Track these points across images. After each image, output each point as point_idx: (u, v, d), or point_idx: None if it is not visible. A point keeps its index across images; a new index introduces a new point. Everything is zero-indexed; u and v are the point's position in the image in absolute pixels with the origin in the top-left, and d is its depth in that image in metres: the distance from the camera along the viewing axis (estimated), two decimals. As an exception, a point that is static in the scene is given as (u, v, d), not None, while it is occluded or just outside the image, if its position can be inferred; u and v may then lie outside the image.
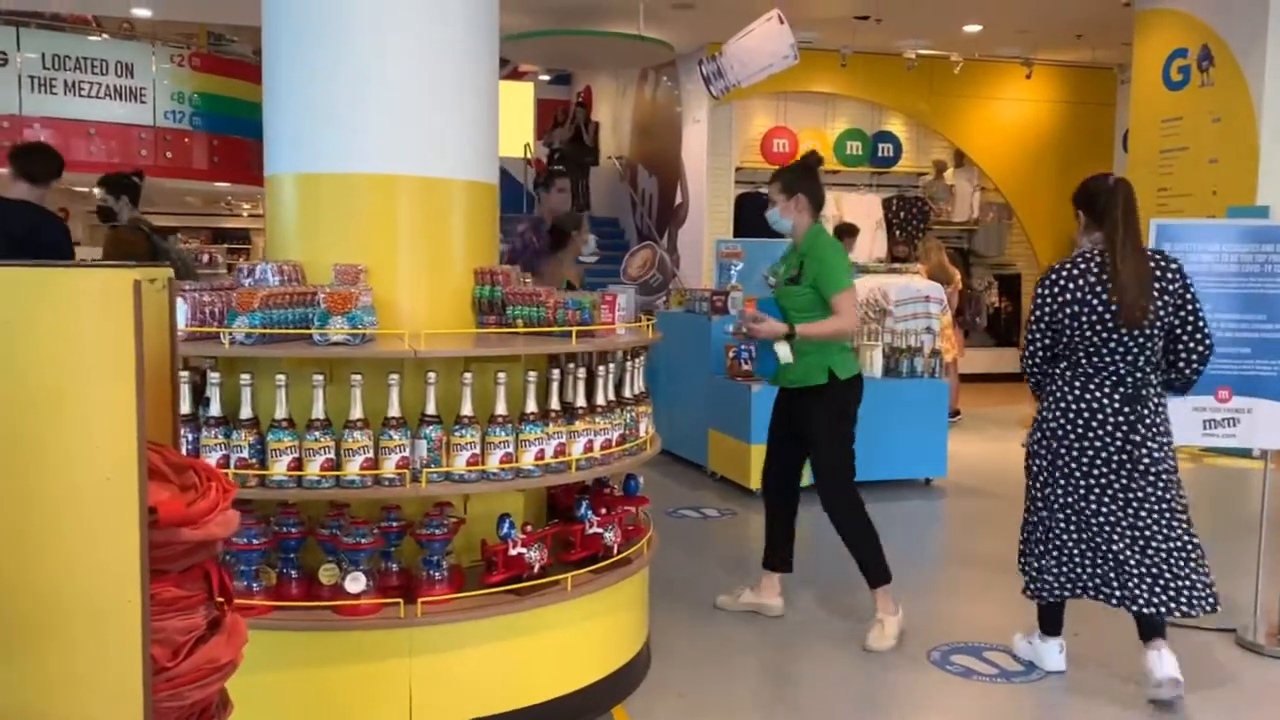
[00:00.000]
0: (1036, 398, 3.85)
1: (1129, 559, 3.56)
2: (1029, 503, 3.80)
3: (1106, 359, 3.56)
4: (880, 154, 13.01)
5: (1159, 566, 3.55)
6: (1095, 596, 3.66)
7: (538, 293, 3.49)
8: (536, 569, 3.21)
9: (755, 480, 6.25)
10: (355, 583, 2.98)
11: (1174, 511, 3.58)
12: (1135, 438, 3.54)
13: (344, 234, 3.43)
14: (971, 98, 13.01)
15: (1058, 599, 3.76)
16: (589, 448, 3.35)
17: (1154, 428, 3.57)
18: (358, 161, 3.42)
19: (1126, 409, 3.55)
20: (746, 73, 8.47)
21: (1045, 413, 3.70)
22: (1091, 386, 3.58)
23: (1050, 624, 3.89)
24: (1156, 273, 3.52)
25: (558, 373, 3.36)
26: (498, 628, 3.12)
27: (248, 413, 2.99)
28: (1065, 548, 3.67)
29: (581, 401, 3.39)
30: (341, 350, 3.01)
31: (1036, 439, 3.73)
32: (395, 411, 3.01)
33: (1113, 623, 4.39)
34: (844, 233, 10.18)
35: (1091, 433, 3.58)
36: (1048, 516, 3.70)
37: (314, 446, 2.94)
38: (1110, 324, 3.51)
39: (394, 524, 3.13)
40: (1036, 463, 3.74)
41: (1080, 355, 3.60)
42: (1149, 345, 3.53)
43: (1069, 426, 3.62)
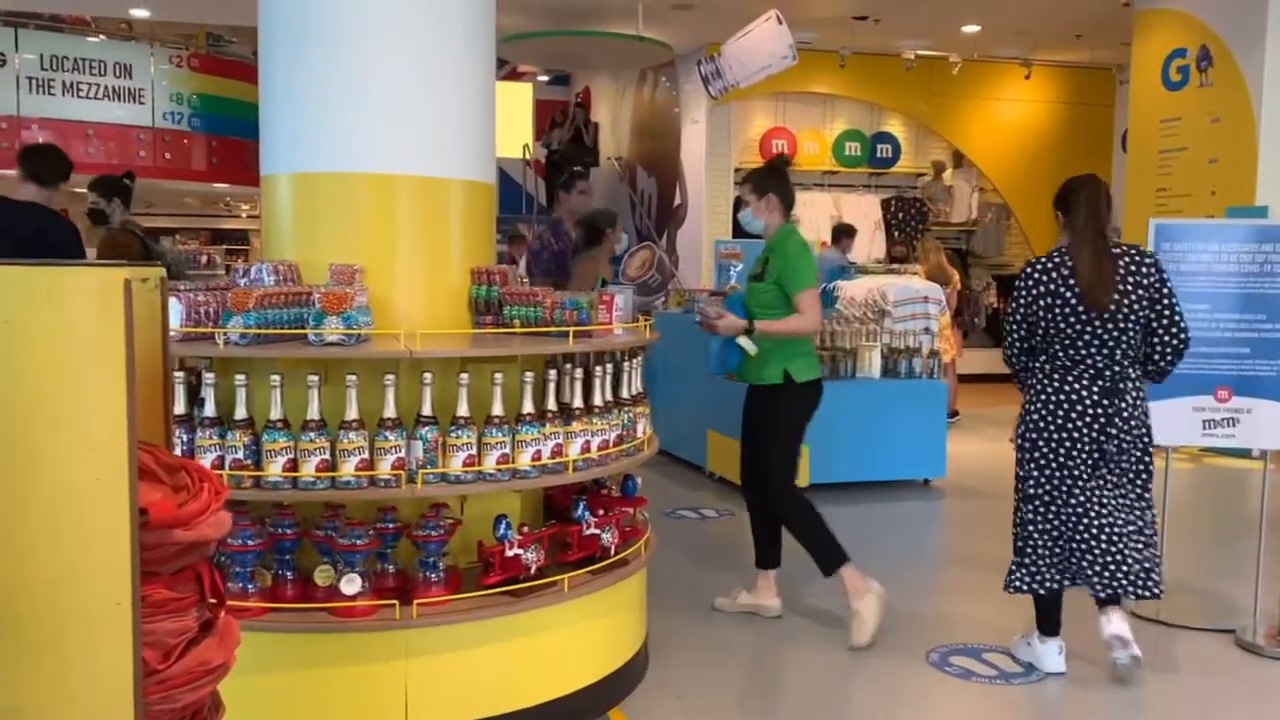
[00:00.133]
0: (1021, 392, 3.93)
1: (1093, 546, 3.67)
2: (1014, 498, 3.90)
3: (1083, 351, 3.63)
4: (879, 155, 12.99)
5: (1122, 553, 3.66)
6: (1060, 584, 3.76)
7: (534, 293, 3.47)
8: (533, 570, 3.19)
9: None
10: (351, 584, 2.96)
11: (1142, 500, 3.74)
12: (1112, 430, 3.63)
13: (340, 234, 3.41)
14: (970, 98, 13.00)
15: (1030, 591, 3.81)
16: (586, 448, 3.33)
17: (1131, 420, 3.66)
18: (355, 161, 3.41)
19: (1105, 401, 3.63)
20: (745, 73, 8.45)
21: (1027, 405, 3.79)
22: (1070, 379, 3.66)
23: (1048, 624, 3.89)
24: (1131, 266, 3.61)
25: (555, 373, 3.35)
26: (494, 629, 3.11)
27: (242, 413, 2.97)
28: (1031, 538, 3.78)
29: (579, 402, 3.38)
30: (337, 350, 2.99)
31: (1020, 431, 3.81)
32: (391, 412, 2.99)
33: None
34: (842, 233, 10.20)
35: (1070, 423, 3.66)
36: (1023, 505, 3.81)
37: (309, 447, 2.93)
38: (1083, 315, 3.60)
39: (390, 525, 3.11)
40: (1018, 455, 3.83)
41: (1057, 348, 3.68)
42: (1124, 339, 3.61)
43: (1049, 418, 3.70)
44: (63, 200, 5.06)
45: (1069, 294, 3.62)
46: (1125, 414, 3.65)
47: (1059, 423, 3.68)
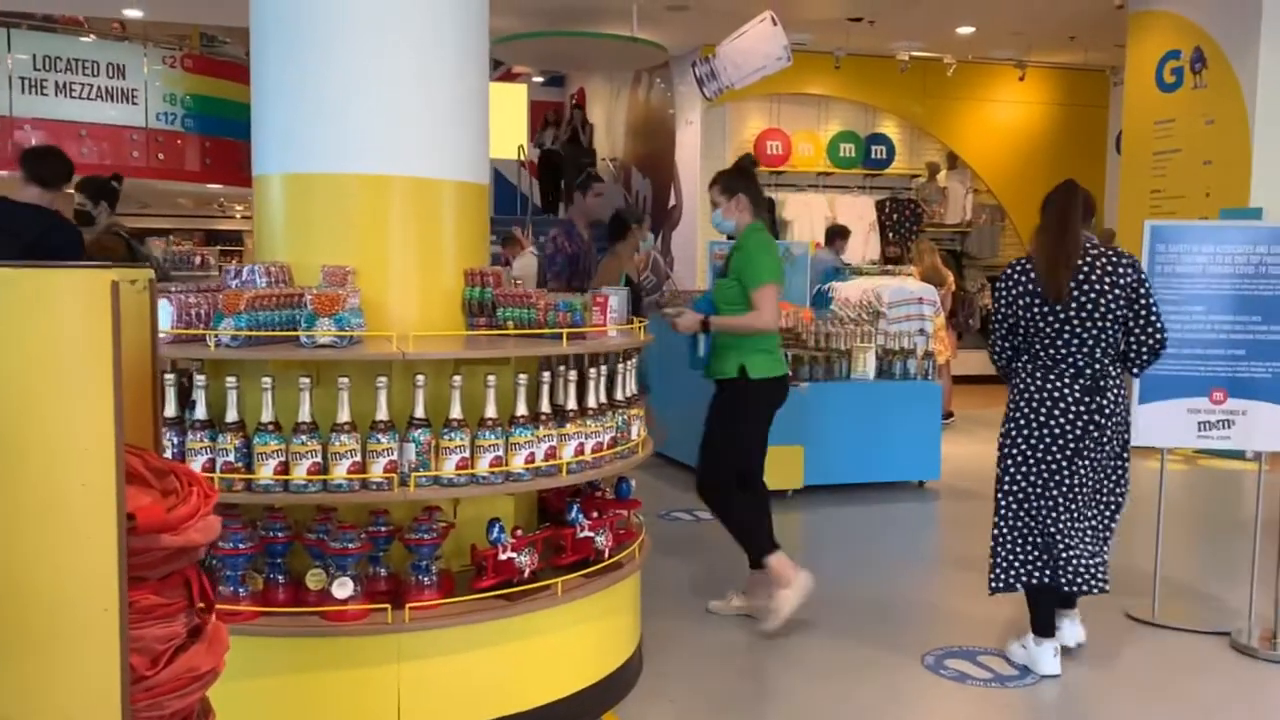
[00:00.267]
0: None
1: (1059, 541, 3.75)
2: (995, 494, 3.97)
3: (1063, 350, 3.71)
4: (873, 156, 12.99)
5: (1084, 548, 3.78)
6: (1041, 579, 3.80)
7: (528, 294, 3.46)
8: (527, 573, 3.17)
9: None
10: (342, 588, 2.94)
11: (1114, 495, 3.88)
12: (1093, 428, 3.72)
13: (333, 235, 3.39)
14: (964, 100, 13.01)
15: (1010, 588, 3.87)
16: (580, 451, 3.32)
17: (1113, 417, 3.75)
18: (348, 162, 3.39)
19: (1087, 399, 3.71)
20: (740, 74, 8.43)
21: (1011, 404, 3.87)
22: (1052, 377, 3.74)
23: (1043, 626, 3.89)
24: (1109, 266, 3.68)
25: (548, 375, 3.33)
26: (488, 633, 3.09)
27: (233, 416, 2.95)
28: (1008, 535, 3.85)
29: (572, 404, 3.36)
30: (328, 353, 2.97)
31: (1004, 430, 3.89)
32: (383, 414, 2.97)
33: (1106, 627, 4.38)
34: (836, 235, 10.19)
35: (1053, 420, 3.73)
36: (1001, 501, 3.87)
37: (301, 450, 2.91)
38: (1062, 314, 3.67)
39: (382, 528, 3.09)
40: (1000, 451, 3.90)
41: (1039, 348, 3.77)
42: (1104, 337, 3.68)
43: (1032, 416, 3.78)
44: (57, 201, 5.03)
45: (1041, 292, 3.72)
46: (1106, 411, 3.72)
47: (1041, 419, 3.75)
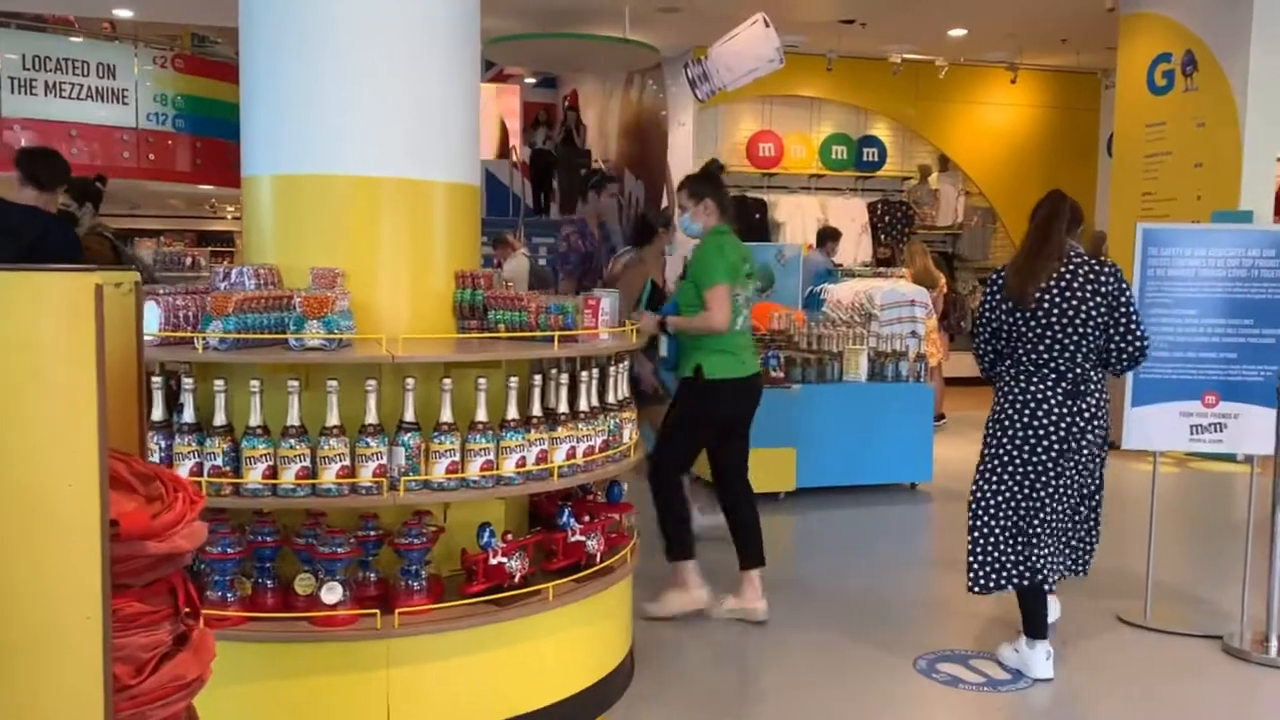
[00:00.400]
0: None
1: (1039, 543, 3.83)
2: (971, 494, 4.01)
3: (1044, 355, 3.79)
4: (865, 158, 13.00)
5: (1063, 538, 3.95)
6: (1023, 580, 3.84)
7: (519, 297, 3.44)
8: (517, 578, 3.15)
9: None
10: (331, 593, 2.92)
11: (1091, 490, 4.01)
12: (1075, 429, 3.79)
13: (322, 237, 3.37)
14: (956, 102, 13.02)
15: (993, 589, 3.89)
16: (572, 454, 3.30)
17: (1094, 420, 3.82)
18: (337, 163, 3.36)
19: (1070, 402, 3.78)
20: (732, 76, 8.43)
21: (995, 407, 3.94)
22: (1035, 381, 3.81)
23: (1035, 628, 3.88)
24: (1090, 275, 3.76)
25: (540, 378, 3.31)
26: (478, 639, 3.07)
27: (221, 419, 2.93)
28: (989, 536, 3.90)
29: (564, 407, 3.34)
30: (317, 355, 2.95)
31: (987, 431, 3.95)
32: (373, 418, 2.95)
33: (1099, 631, 4.37)
34: (827, 237, 10.18)
35: (1036, 422, 3.80)
36: (981, 501, 3.92)
37: (289, 454, 2.88)
38: (1044, 320, 3.75)
39: (371, 533, 3.07)
40: (983, 452, 3.95)
41: (1022, 353, 3.84)
42: (1084, 343, 3.76)
43: (1015, 419, 3.84)
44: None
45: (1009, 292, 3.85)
46: (1087, 414, 3.79)
47: (1024, 423, 3.82)
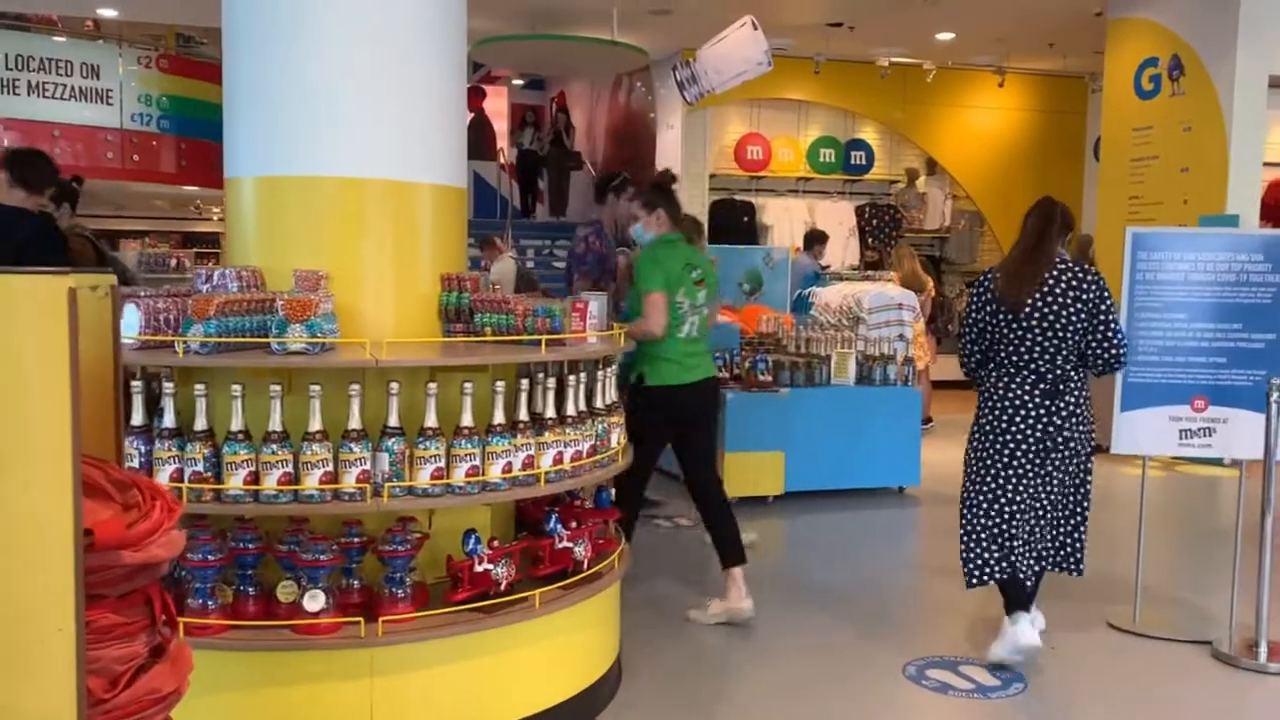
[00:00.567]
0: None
1: (1017, 540, 3.93)
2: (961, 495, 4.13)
3: (1025, 357, 3.89)
4: (853, 161, 13.00)
5: (1051, 536, 4.04)
6: (1009, 573, 3.93)
7: (506, 300, 3.40)
8: (503, 585, 3.11)
9: (728, 488, 6.17)
10: (314, 601, 2.88)
11: (1079, 492, 4.06)
12: (1052, 429, 3.89)
13: (306, 239, 3.33)
14: (944, 106, 13.03)
15: (983, 582, 3.97)
16: (559, 459, 3.26)
17: (1072, 418, 3.90)
18: (321, 164, 3.33)
19: (1048, 402, 3.88)
20: (721, 79, 8.40)
21: (978, 408, 4.06)
22: (1015, 384, 3.92)
23: (1014, 604, 3.95)
24: (1073, 281, 3.85)
25: (527, 382, 3.27)
26: (463, 647, 3.02)
27: (202, 424, 2.88)
28: (976, 533, 4.00)
29: (551, 412, 3.30)
30: (300, 360, 2.91)
31: (971, 432, 4.08)
32: (356, 423, 2.91)
33: (1088, 637, 4.36)
34: (814, 240, 10.17)
35: (1014, 426, 3.91)
36: (968, 500, 4.03)
37: (271, 459, 2.84)
38: (1025, 323, 3.86)
39: (355, 540, 3.03)
40: (967, 453, 4.08)
41: (1003, 355, 3.95)
42: (1064, 346, 3.86)
43: (995, 420, 3.96)
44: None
45: (1000, 296, 3.95)
46: (1064, 413, 3.88)
47: (1004, 425, 3.93)
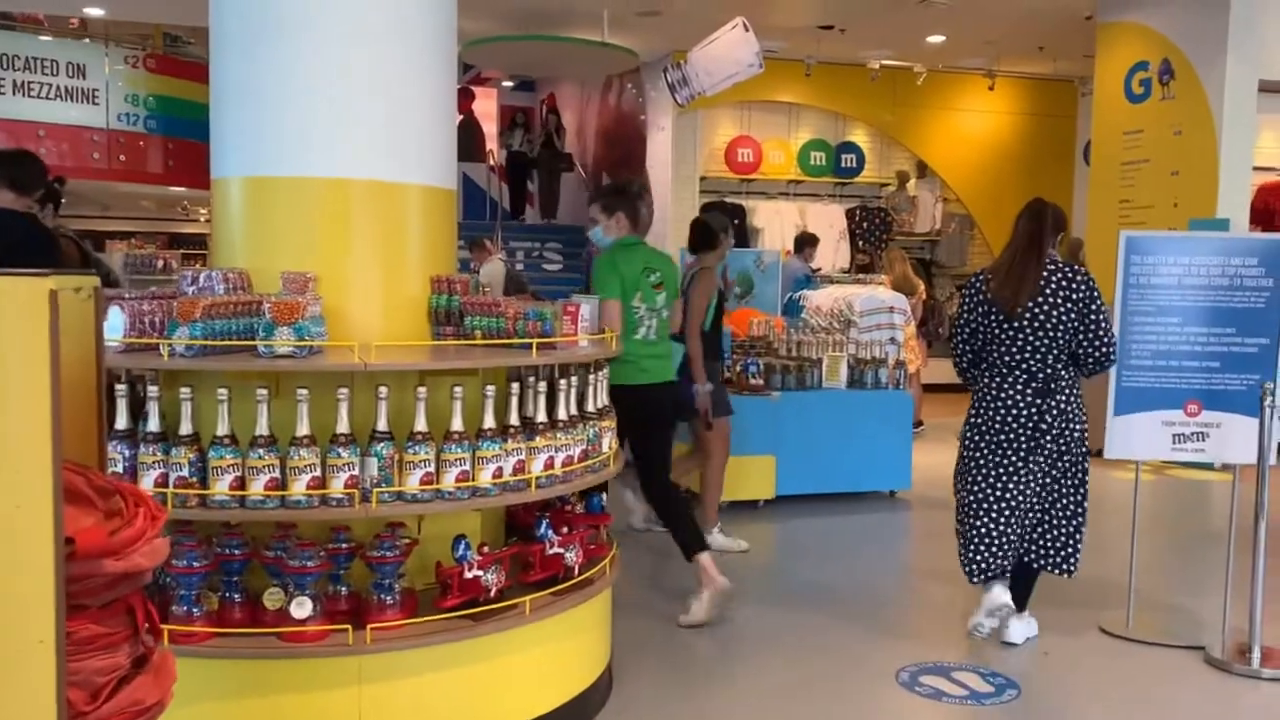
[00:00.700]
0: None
1: (1005, 532, 4.04)
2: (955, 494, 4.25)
3: (1017, 357, 3.98)
4: (843, 164, 13.00)
5: (1050, 533, 4.11)
6: (1003, 568, 4.08)
7: (496, 303, 3.37)
8: (494, 592, 3.07)
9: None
10: (301, 608, 2.84)
11: (1073, 488, 4.09)
12: (1044, 425, 3.97)
13: (294, 240, 3.28)
14: (934, 109, 13.05)
15: (990, 575, 4.10)
16: (550, 464, 3.23)
17: (1062, 417, 3.97)
18: (309, 165, 3.28)
19: (1039, 401, 3.96)
20: (712, 81, 8.39)
21: (970, 408, 4.14)
22: (1007, 384, 4.00)
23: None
24: (1063, 281, 3.93)
25: (517, 386, 3.23)
26: (452, 654, 2.98)
27: (188, 428, 2.84)
28: (973, 530, 4.10)
29: (542, 416, 3.27)
30: (287, 363, 2.87)
31: (963, 431, 4.16)
32: (344, 428, 2.87)
33: (1080, 642, 4.34)
34: (805, 243, 10.16)
35: (1005, 425, 4.00)
36: (964, 498, 4.14)
37: (258, 465, 2.80)
38: (1017, 324, 3.95)
39: (343, 546, 2.98)
40: (960, 451, 4.17)
41: (995, 356, 4.03)
42: (1055, 346, 3.94)
43: (987, 419, 4.05)
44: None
45: (995, 299, 4.02)
46: (1055, 411, 3.96)
47: (996, 425, 4.02)
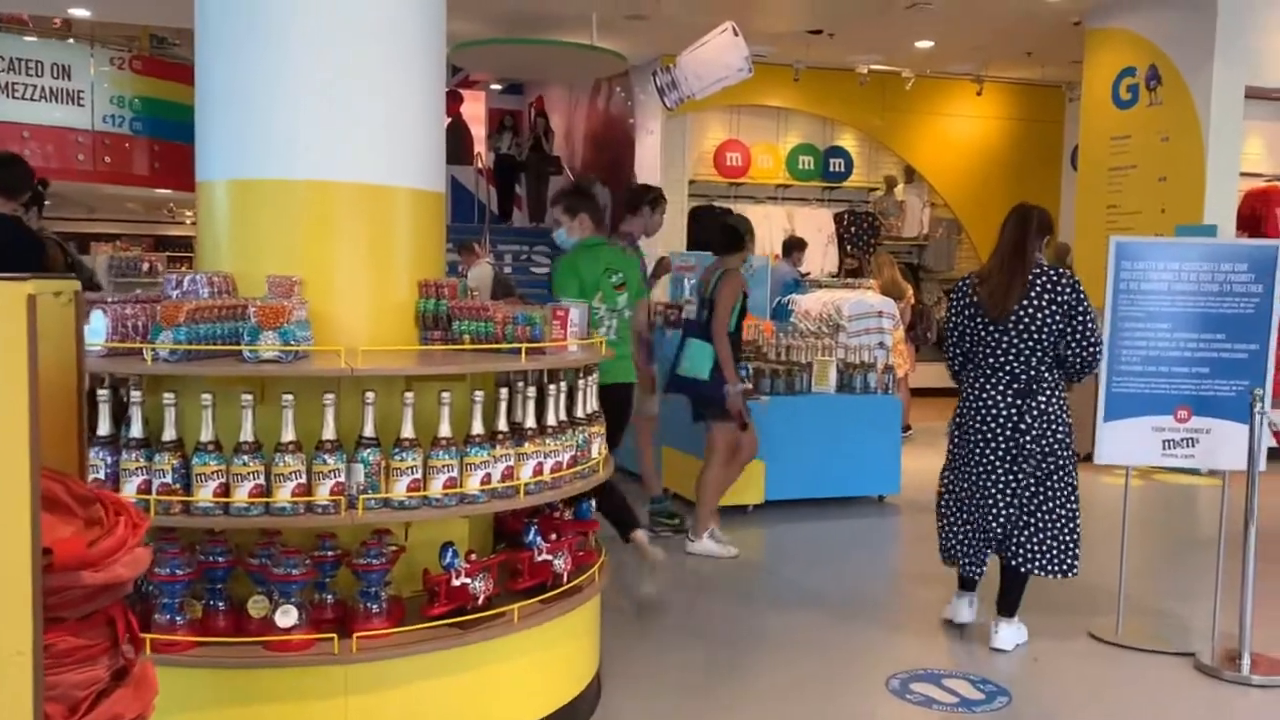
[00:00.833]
0: None
1: (1000, 528, 4.13)
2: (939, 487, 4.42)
3: (1001, 359, 4.06)
4: (832, 169, 13.01)
5: (1037, 536, 4.11)
6: (976, 564, 4.27)
7: (485, 307, 3.33)
8: (481, 600, 3.04)
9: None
10: (286, 616, 2.80)
11: (1060, 491, 4.10)
12: (1023, 426, 4.04)
13: (280, 243, 3.25)
14: (922, 114, 13.06)
15: (953, 565, 4.33)
16: (539, 471, 3.20)
17: (1043, 417, 4.03)
18: (296, 167, 3.25)
19: (1019, 402, 4.04)
20: (701, 85, 8.37)
21: (957, 408, 4.26)
22: (989, 385, 4.09)
23: (963, 584, 4.41)
24: (1048, 285, 4.01)
25: (506, 392, 3.20)
26: (440, 663, 2.95)
27: (171, 434, 2.80)
28: (950, 524, 4.28)
29: (531, 422, 3.24)
30: (273, 368, 2.83)
31: (949, 431, 4.27)
32: (330, 433, 2.83)
33: (1070, 648, 4.33)
34: (793, 247, 10.14)
35: (986, 425, 4.09)
36: (943, 490, 4.30)
37: (242, 471, 2.76)
38: (1002, 327, 4.03)
39: (329, 553, 2.95)
40: (947, 449, 4.29)
41: (980, 358, 4.12)
42: (1039, 348, 4.01)
43: (969, 418, 4.15)
44: None
45: (982, 304, 4.11)
46: (1035, 412, 4.02)
47: (977, 424, 4.11)
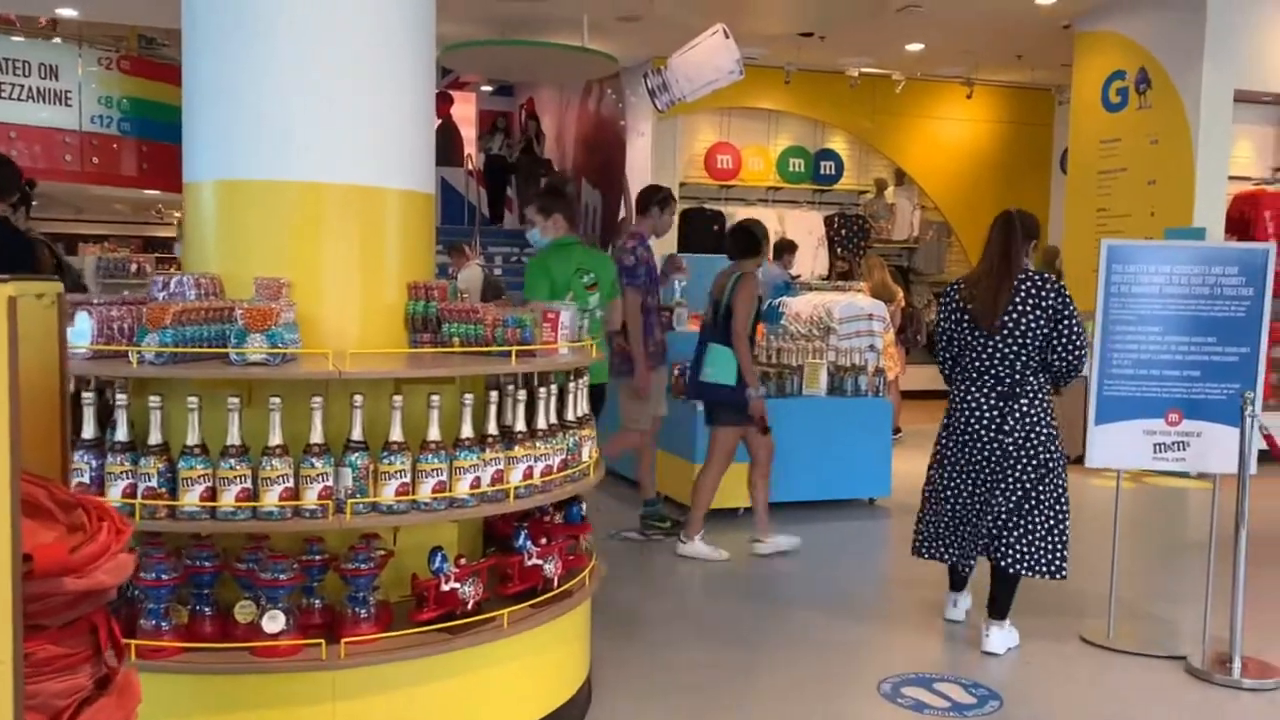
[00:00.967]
0: None
1: (988, 530, 4.16)
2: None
3: (987, 362, 4.13)
4: (822, 171, 13.01)
5: (1025, 537, 4.12)
6: (959, 560, 4.32)
7: (475, 309, 3.31)
8: (471, 605, 3.01)
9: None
10: (273, 621, 2.77)
11: (1048, 492, 4.12)
12: (1006, 428, 4.09)
13: (267, 245, 3.22)
14: (912, 116, 13.08)
15: (931, 558, 4.40)
16: (529, 474, 3.17)
17: (1026, 419, 4.08)
18: (284, 168, 3.22)
19: (1002, 404, 4.10)
20: (692, 87, 8.36)
21: (946, 410, 4.33)
22: (975, 388, 4.16)
23: (954, 583, 4.56)
24: (1033, 290, 4.06)
25: (496, 394, 3.18)
26: (428, 668, 2.93)
27: (157, 438, 2.77)
28: (931, 519, 4.36)
29: (521, 425, 3.21)
30: (260, 371, 2.81)
31: (938, 432, 4.36)
32: (318, 437, 2.81)
33: (1061, 652, 4.32)
34: (784, 249, 10.13)
35: (969, 427, 4.16)
36: (928, 490, 4.41)
37: (229, 475, 2.73)
38: (988, 330, 4.09)
39: (316, 558, 2.92)
40: (934, 447, 4.39)
41: (967, 361, 4.19)
42: (1024, 352, 4.07)
43: (954, 420, 4.22)
44: None
45: (970, 311, 4.17)
46: (1018, 414, 4.07)
47: (961, 425, 4.18)
